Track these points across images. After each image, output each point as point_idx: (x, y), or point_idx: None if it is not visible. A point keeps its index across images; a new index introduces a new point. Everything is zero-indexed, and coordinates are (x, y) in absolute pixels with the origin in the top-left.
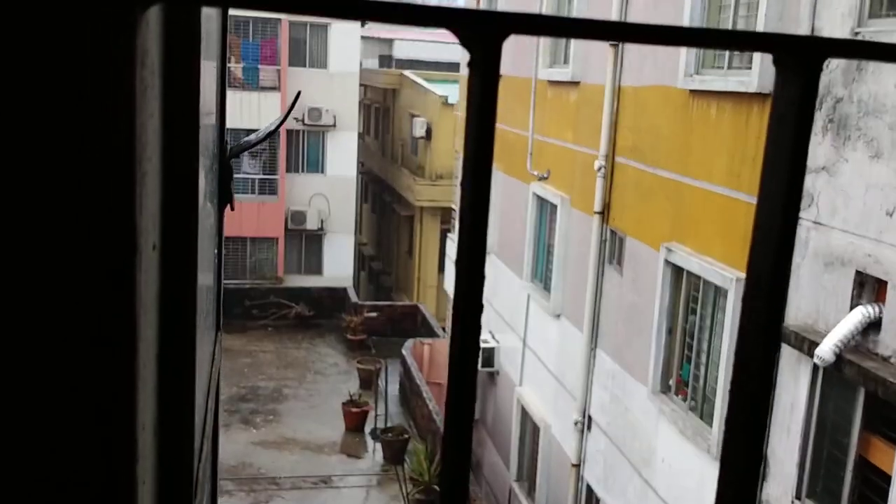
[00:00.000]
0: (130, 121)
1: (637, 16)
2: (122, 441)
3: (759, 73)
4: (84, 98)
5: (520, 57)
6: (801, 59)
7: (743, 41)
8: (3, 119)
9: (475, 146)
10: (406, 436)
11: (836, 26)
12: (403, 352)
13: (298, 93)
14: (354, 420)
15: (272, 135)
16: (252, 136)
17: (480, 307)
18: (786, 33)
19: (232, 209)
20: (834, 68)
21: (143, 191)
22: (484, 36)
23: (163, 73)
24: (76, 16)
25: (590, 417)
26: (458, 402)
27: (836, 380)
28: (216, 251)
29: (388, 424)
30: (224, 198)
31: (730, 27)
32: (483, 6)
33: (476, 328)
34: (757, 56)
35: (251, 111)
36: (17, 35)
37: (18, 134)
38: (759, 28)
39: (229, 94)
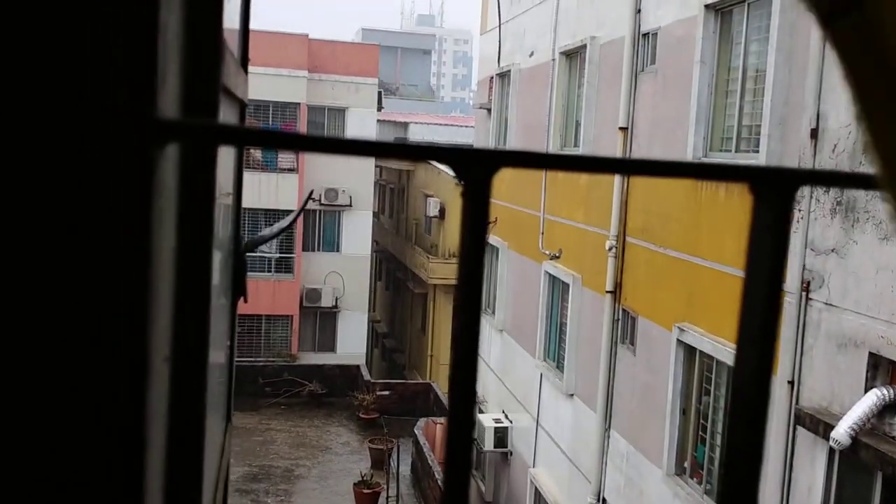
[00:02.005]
0: (146, 250)
1: (646, 103)
2: None
3: (766, 154)
4: (103, 231)
5: (531, 139)
6: (774, 188)
7: (719, 173)
8: (29, 247)
9: (467, 269)
10: None
11: (840, 111)
12: (416, 431)
13: (311, 192)
14: (366, 502)
15: (286, 230)
16: (267, 231)
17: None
18: (759, 165)
19: (245, 301)
20: (840, 152)
21: (157, 312)
22: (476, 170)
23: (179, 196)
24: (99, 155)
25: (604, 500)
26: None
27: (852, 463)
28: (228, 343)
29: None
30: (238, 290)
31: (736, 112)
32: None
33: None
34: (764, 138)
35: (269, 192)
36: (43, 164)
37: (40, 258)
38: (766, 112)
39: (249, 175)
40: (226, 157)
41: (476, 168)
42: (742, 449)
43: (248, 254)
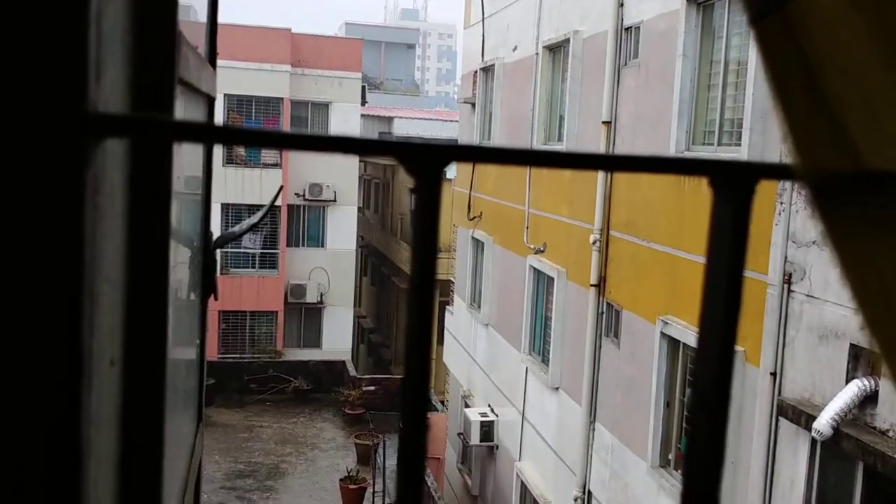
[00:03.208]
0: (77, 248)
1: (629, 97)
2: None
3: (748, 147)
4: (28, 229)
5: (516, 133)
6: (734, 181)
7: (678, 167)
8: None
9: (419, 264)
10: None
11: None
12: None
13: (280, 187)
14: (352, 497)
15: (255, 227)
16: (236, 228)
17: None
18: (719, 159)
19: (216, 299)
20: None
21: (95, 310)
22: (425, 165)
23: (129, 193)
24: (28, 149)
25: (590, 493)
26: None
27: (834, 454)
28: (199, 342)
29: (387, 501)
30: (207, 289)
31: (718, 105)
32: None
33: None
34: (746, 132)
35: (253, 187)
36: None
37: None
38: (748, 105)
39: (232, 170)
40: (193, 152)
41: (426, 163)
42: (704, 442)
43: (225, 250)
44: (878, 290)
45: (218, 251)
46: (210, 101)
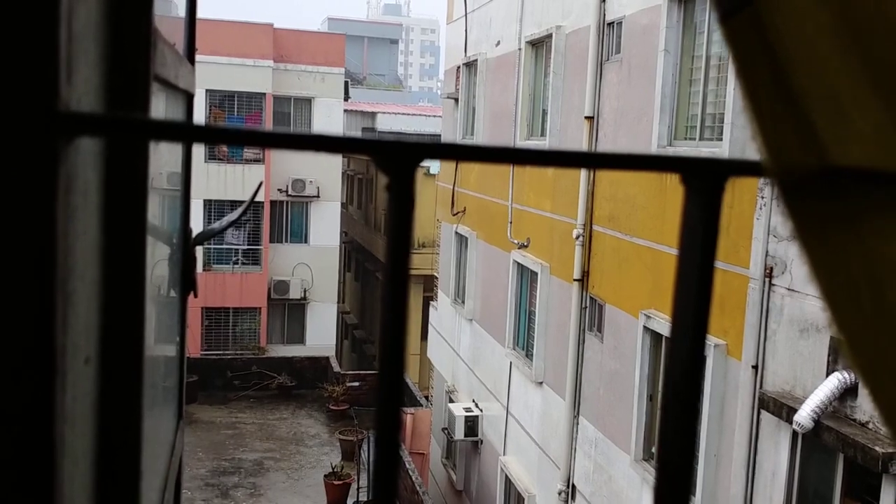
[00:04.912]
0: (49, 246)
1: (611, 92)
2: None
3: (729, 143)
4: None
5: (499, 128)
6: (705, 178)
7: (650, 164)
8: None
9: (393, 261)
10: None
11: None
12: None
13: (260, 183)
14: (336, 493)
15: (236, 223)
16: (216, 225)
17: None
18: (691, 156)
19: (195, 296)
20: None
21: (68, 308)
22: (397, 162)
23: (103, 191)
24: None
25: (573, 486)
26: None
27: (815, 446)
28: (179, 339)
29: (371, 497)
30: (187, 285)
31: (700, 100)
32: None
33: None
34: (728, 126)
35: (235, 183)
36: None
37: None
38: (729, 100)
39: (215, 166)
40: (172, 148)
41: (398, 160)
42: (674, 434)
43: (208, 246)
44: (845, 286)
45: (199, 248)
46: (189, 98)
